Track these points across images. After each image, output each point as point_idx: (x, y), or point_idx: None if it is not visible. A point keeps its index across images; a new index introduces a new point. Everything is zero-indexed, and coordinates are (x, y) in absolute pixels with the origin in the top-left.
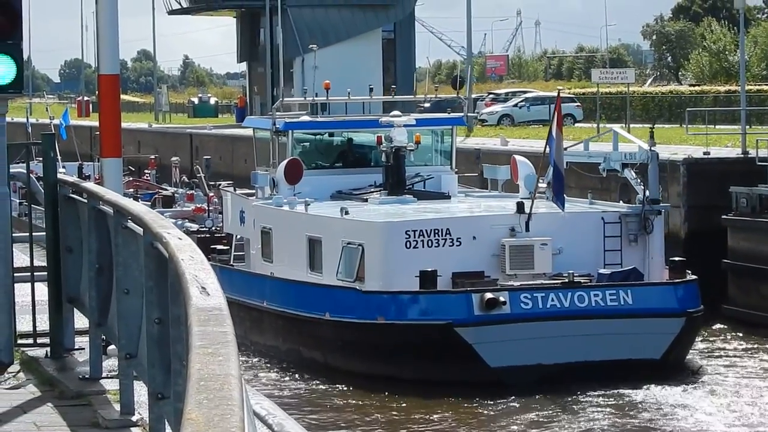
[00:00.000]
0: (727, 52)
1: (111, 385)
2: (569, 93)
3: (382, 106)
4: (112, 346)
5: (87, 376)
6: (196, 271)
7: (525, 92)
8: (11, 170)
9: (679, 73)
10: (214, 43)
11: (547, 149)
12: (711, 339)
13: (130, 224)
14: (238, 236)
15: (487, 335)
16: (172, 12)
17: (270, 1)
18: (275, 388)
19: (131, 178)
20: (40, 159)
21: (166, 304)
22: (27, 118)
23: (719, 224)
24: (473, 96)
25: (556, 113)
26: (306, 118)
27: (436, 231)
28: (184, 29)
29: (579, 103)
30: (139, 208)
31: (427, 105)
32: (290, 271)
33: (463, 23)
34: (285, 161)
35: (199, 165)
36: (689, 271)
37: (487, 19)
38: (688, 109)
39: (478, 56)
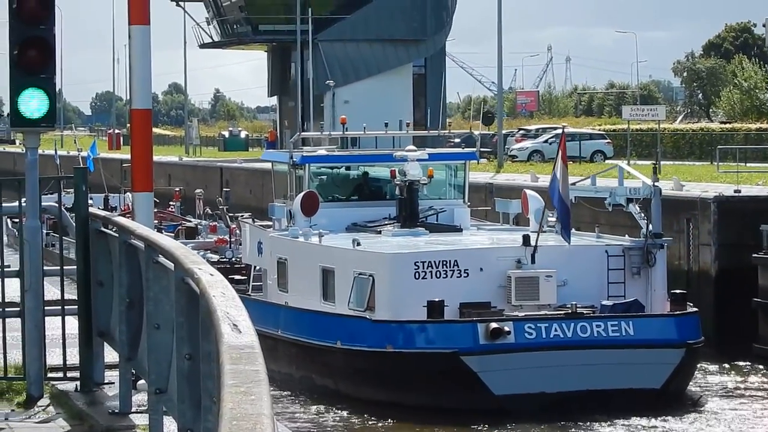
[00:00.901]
0: (758, 90)
1: (140, 419)
2: (599, 129)
3: (412, 140)
4: (142, 381)
5: (116, 411)
6: (228, 308)
7: (555, 128)
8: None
9: (710, 110)
10: (244, 76)
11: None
12: (738, 377)
13: (161, 259)
14: (256, 267)
15: (492, 364)
16: (203, 45)
17: (301, 36)
18: (288, 415)
19: (156, 210)
20: (68, 191)
21: (197, 339)
22: (56, 150)
23: (750, 262)
24: (503, 132)
25: (560, 149)
26: (322, 152)
27: (444, 262)
28: (215, 63)
29: (609, 140)
30: (170, 243)
31: (457, 140)
32: (304, 301)
33: (494, 58)
34: (301, 194)
35: (220, 197)
36: (690, 304)
37: (518, 54)
38: (719, 146)
39: (508, 92)
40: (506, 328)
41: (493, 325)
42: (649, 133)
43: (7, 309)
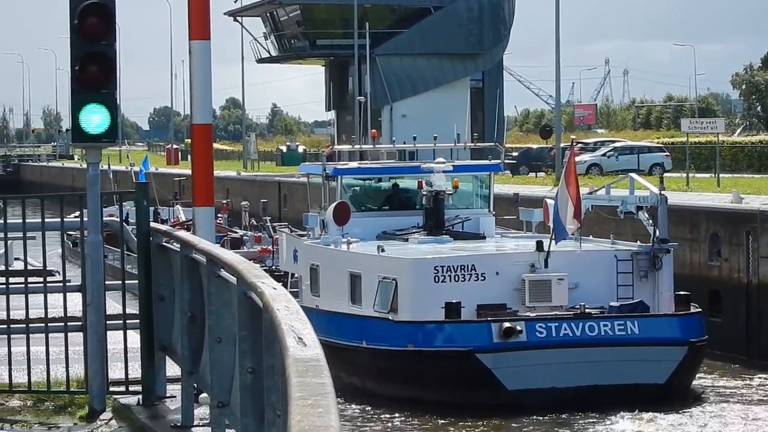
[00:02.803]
0: None
1: None
2: (658, 142)
3: (470, 154)
4: (204, 395)
5: (179, 424)
6: (293, 321)
7: (613, 141)
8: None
9: None
10: (301, 91)
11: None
12: None
13: (223, 273)
14: (292, 273)
15: (506, 361)
16: (261, 60)
17: (358, 50)
18: None
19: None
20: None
21: (260, 353)
22: (108, 165)
23: None
24: (561, 145)
25: (568, 161)
26: (354, 164)
27: (462, 267)
28: (272, 78)
29: (668, 153)
30: (232, 257)
31: (515, 154)
32: (334, 304)
33: (551, 72)
34: (333, 204)
35: (265, 210)
36: (695, 305)
37: (575, 67)
38: None
39: (566, 105)
40: (518, 328)
41: (506, 324)
42: (708, 146)
43: (69, 323)
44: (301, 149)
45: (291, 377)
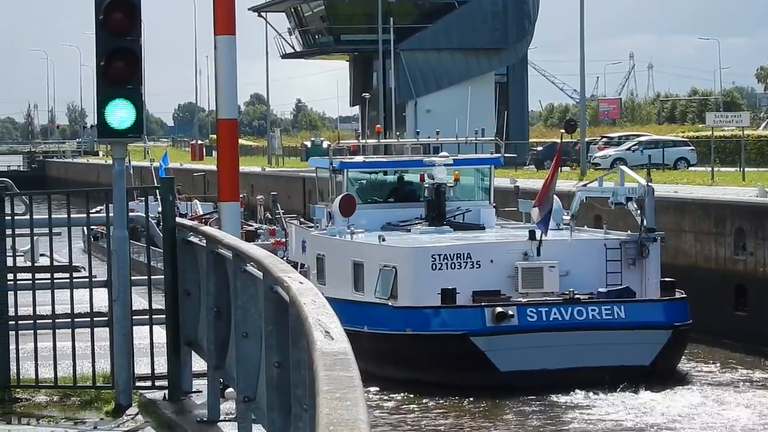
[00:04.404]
0: None
1: (229, 428)
2: (683, 137)
3: (495, 148)
4: (230, 389)
5: (205, 419)
6: (319, 315)
7: (638, 136)
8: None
9: None
10: (325, 87)
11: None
12: None
13: (249, 268)
14: (301, 263)
15: (498, 344)
16: (285, 56)
17: (383, 46)
18: None
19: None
20: (141, 200)
21: (286, 347)
22: (129, 160)
23: None
24: (586, 140)
25: (556, 157)
26: (359, 158)
27: (459, 255)
28: (297, 73)
29: (693, 147)
30: (258, 252)
31: (540, 149)
32: (339, 291)
33: (576, 66)
34: (339, 196)
35: (275, 203)
36: (682, 291)
37: (600, 62)
38: None
39: (590, 100)
40: (510, 312)
41: (498, 309)
42: (733, 140)
43: (95, 319)
44: (325, 144)
45: (318, 371)
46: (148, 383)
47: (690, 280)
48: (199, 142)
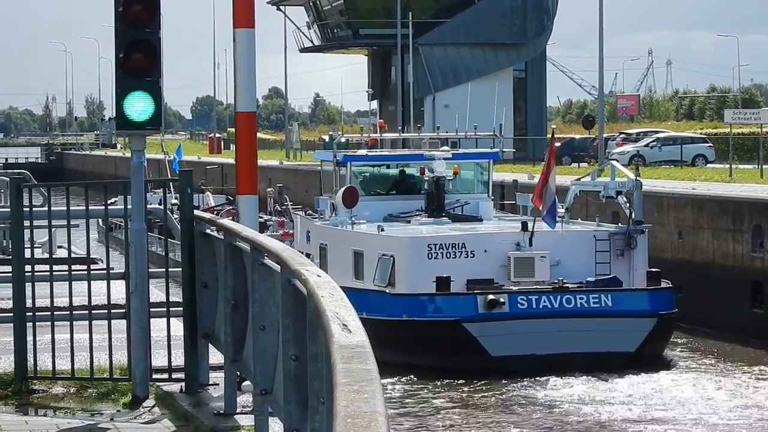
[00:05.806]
0: None
1: (246, 420)
2: (701, 133)
3: (513, 143)
4: (247, 382)
5: (222, 412)
6: (337, 308)
7: (656, 132)
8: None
9: None
10: (344, 81)
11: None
12: None
13: (267, 261)
14: (305, 253)
15: (490, 330)
16: (304, 50)
17: (401, 40)
18: None
19: (229, 207)
20: (156, 191)
21: (304, 340)
22: (144, 153)
23: None
24: (604, 136)
25: (549, 150)
26: (363, 152)
27: (454, 245)
28: (315, 67)
29: (711, 144)
30: (276, 245)
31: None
32: (340, 279)
33: (594, 62)
34: (342, 188)
35: (281, 194)
36: (668, 281)
37: (618, 58)
38: None
39: (609, 96)
40: (501, 299)
41: (490, 296)
42: (751, 137)
43: (113, 311)
44: (343, 139)
45: (336, 363)
46: (165, 375)
47: (707, 277)
48: (217, 135)
